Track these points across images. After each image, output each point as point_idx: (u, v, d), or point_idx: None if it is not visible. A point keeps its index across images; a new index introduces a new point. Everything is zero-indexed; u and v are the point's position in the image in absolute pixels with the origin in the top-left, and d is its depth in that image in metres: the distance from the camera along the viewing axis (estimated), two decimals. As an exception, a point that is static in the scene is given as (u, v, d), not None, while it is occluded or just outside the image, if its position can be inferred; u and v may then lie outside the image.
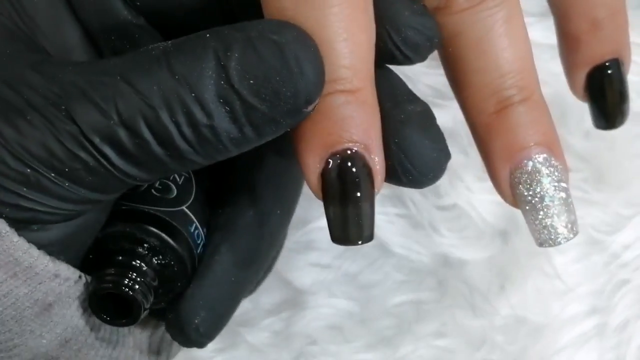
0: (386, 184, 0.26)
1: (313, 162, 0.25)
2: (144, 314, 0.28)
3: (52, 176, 0.24)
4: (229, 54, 0.23)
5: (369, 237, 0.25)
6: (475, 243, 0.43)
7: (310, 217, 0.44)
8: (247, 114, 0.24)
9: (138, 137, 0.24)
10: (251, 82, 0.23)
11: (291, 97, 0.23)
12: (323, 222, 0.44)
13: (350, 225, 0.25)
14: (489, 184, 0.44)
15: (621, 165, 0.42)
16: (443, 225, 0.43)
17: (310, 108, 0.24)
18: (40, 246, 0.26)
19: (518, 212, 0.42)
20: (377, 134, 0.25)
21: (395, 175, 0.26)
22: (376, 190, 0.25)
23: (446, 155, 0.26)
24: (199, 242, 0.31)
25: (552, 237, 0.26)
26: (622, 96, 0.29)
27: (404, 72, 0.43)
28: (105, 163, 0.24)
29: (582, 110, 0.42)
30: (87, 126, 0.24)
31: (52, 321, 0.27)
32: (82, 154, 0.24)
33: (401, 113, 0.26)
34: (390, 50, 0.26)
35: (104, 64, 0.25)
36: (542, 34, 0.39)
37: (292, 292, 0.44)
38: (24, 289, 0.25)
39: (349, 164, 0.24)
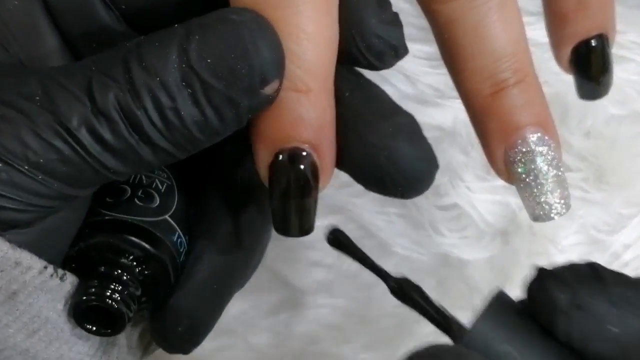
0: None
1: (263, 154, 0.25)
2: (128, 324, 0.28)
3: (26, 169, 0.24)
4: (190, 37, 0.24)
5: (308, 231, 0.26)
6: (476, 243, 0.43)
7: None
8: (207, 94, 0.24)
9: (111, 122, 0.24)
10: (208, 61, 0.24)
11: (246, 75, 0.24)
12: (323, 222, 0.45)
13: (291, 217, 0.26)
14: (489, 183, 0.44)
15: (622, 165, 0.42)
16: (443, 225, 0.43)
17: (268, 91, 0.24)
18: None
19: (518, 213, 0.43)
20: (327, 134, 0.26)
21: (384, 186, 0.27)
22: (321, 187, 0.26)
23: (435, 166, 0.27)
24: (181, 250, 0.31)
25: (546, 212, 0.27)
26: (605, 66, 0.30)
27: (403, 71, 0.44)
28: (80, 151, 0.24)
29: (582, 110, 0.43)
30: (62, 113, 0.24)
31: (17, 309, 0.26)
32: (58, 143, 0.24)
33: (389, 126, 0.27)
34: (354, 54, 0.27)
35: (82, 61, 0.25)
36: (542, 33, 0.39)
37: (293, 292, 0.44)
38: None
39: (296, 162, 0.25)
